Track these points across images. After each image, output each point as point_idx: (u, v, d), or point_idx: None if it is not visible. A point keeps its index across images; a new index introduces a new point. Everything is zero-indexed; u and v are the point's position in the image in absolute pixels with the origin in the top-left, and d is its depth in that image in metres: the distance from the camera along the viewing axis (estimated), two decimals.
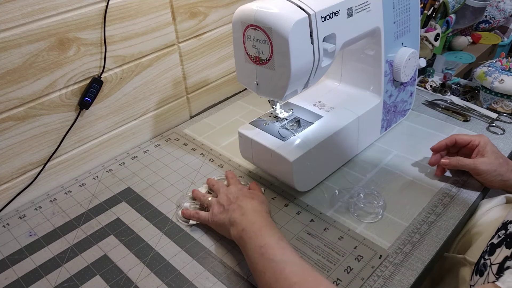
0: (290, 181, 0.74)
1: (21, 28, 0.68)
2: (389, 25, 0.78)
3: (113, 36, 0.80)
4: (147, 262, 0.66)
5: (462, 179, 0.79)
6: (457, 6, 1.56)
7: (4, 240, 0.71)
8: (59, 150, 0.81)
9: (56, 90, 0.76)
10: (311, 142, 0.73)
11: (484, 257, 0.58)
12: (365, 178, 0.80)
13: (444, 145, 0.78)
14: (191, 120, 1.03)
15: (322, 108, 0.81)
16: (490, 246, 0.58)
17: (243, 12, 0.63)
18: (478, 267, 0.58)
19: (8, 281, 0.64)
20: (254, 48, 0.63)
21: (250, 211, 0.63)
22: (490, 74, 0.95)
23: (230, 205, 0.66)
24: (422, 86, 1.08)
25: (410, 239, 0.67)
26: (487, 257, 0.57)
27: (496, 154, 0.73)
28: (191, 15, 0.92)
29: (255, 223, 0.61)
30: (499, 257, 0.54)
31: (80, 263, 0.66)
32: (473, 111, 0.97)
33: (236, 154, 0.86)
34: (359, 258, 0.64)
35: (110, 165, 0.88)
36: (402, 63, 0.81)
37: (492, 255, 0.56)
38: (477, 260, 0.60)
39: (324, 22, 0.63)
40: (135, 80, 0.88)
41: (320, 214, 0.73)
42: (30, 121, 0.75)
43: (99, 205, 0.78)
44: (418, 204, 0.73)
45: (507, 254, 0.52)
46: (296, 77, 0.64)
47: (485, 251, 0.59)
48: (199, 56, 0.99)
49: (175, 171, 0.85)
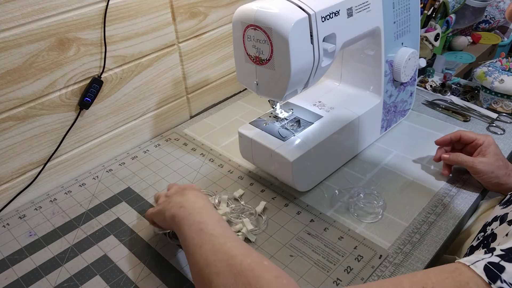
0: (290, 181, 0.74)
1: (21, 28, 0.68)
2: (389, 25, 0.78)
3: (113, 36, 0.80)
4: (147, 262, 0.66)
5: (462, 178, 0.79)
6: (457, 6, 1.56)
7: (4, 240, 0.71)
8: (59, 150, 0.81)
9: (56, 90, 0.76)
10: (311, 142, 0.73)
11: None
12: (365, 178, 0.80)
13: (449, 139, 0.79)
14: (191, 120, 1.03)
15: (322, 108, 0.81)
16: (470, 248, 0.59)
17: (243, 12, 0.63)
18: None
19: (8, 281, 0.64)
20: (254, 48, 0.63)
21: (190, 194, 0.61)
22: (490, 74, 0.95)
23: (175, 193, 0.63)
24: (422, 86, 1.08)
25: (410, 239, 0.67)
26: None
27: (497, 156, 0.73)
28: (191, 15, 0.92)
29: (196, 202, 0.59)
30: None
31: (80, 263, 0.66)
32: (473, 111, 0.97)
33: (236, 154, 0.86)
34: (359, 258, 0.64)
35: (110, 165, 0.88)
36: (402, 63, 0.81)
37: None
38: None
39: (324, 22, 0.63)
40: (135, 80, 0.88)
41: (320, 214, 0.73)
42: (30, 121, 0.75)
43: (99, 205, 0.78)
44: (418, 204, 0.73)
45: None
46: (296, 77, 0.64)
47: (466, 254, 0.59)
48: (199, 56, 0.99)
49: (175, 171, 0.85)
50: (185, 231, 0.55)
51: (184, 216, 0.56)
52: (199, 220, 0.55)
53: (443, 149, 0.80)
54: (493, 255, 0.41)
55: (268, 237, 0.69)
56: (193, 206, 0.58)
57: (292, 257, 0.65)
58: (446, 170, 0.78)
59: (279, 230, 0.70)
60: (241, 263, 0.47)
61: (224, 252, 0.49)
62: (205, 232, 0.53)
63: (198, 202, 0.59)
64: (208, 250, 0.50)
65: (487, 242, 0.54)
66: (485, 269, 0.40)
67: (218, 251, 0.50)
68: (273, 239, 0.68)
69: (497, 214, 0.57)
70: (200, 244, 0.51)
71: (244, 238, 0.68)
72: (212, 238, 0.52)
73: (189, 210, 0.57)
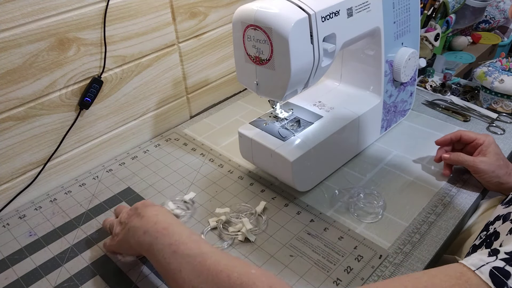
0: (290, 181, 0.74)
1: (21, 28, 0.68)
2: (389, 25, 0.78)
3: (113, 36, 0.80)
4: (147, 262, 0.66)
5: (462, 178, 0.79)
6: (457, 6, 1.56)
7: (4, 240, 0.71)
8: (59, 150, 0.81)
9: (56, 90, 0.76)
10: (311, 142, 0.73)
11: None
12: (365, 178, 0.80)
13: (449, 139, 0.79)
14: (191, 120, 1.03)
15: (322, 108, 0.81)
16: (472, 247, 0.59)
17: (243, 12, 0.63)
18: None
19: (8, 281, 0.64)
20: (254, 48, 0.63)
21: (149, 213, 0.56)
22: (490, 74, 0.95)
23: (129, 217, 0.58)
24: (422, 86, 1.08)
25: (410, 239, 0.67)
26: None
27: (498, 155, 0.73)
28: (191, 15, 0.92)
29: (158, 222, 0.54)
30: None
31: (80, 263, 0.66)
32: (473, 111, 0.97)
33: (236, 154, 0.86)
34: (359, 258, 0.64)
35: (110, 165, 0.88)
36: (402, 63, 0.81)
37: None
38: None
39: (324, 22, 0.63)
40: (135, 80, 0.88)
41: (320, 214, 0.73)
42: (30, 121, 0.75)
43: (99, 205, 0.78)
44: (418, 204, 0.73)
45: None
46: (296, 77, 0.64)
47: (468, 253, 0.59)
48: (199, 56, 0.99)
49: (175, 171, 0.85)
50: (158, 257, 0.51)
51: (151, 242, 0.52)
52: (168, 242, 0.51)
53: (443, 149, 0.80)
54: (498, 259, 0.41)
55: (268, 237, 0.69)
56: (156, 227, 0.54)
57: (292, 257, 0.65)
58: (447, 170, 0.78)
59: (279, 230, 0.70)
60: (229, 278, 0.45)
61: (207, 271, 0.46)
62: (179, 254, 0.50)
63: (160, 222, 0.54)
64: (189, 274, 0.47)
65: (489, 240, 0.54)
66: (490, 275, 0.39)
67: (200, 272, 0.47)
68: (273, 239, 0.68)
69: (499, 213, 0.57)
70: (179, 268, 0.48)
71: (244, 238, 0.68)
72: (189, 259, 0.49)
73: (155, 234, 0.53)
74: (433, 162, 0.81)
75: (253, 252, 0.66)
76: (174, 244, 0.51)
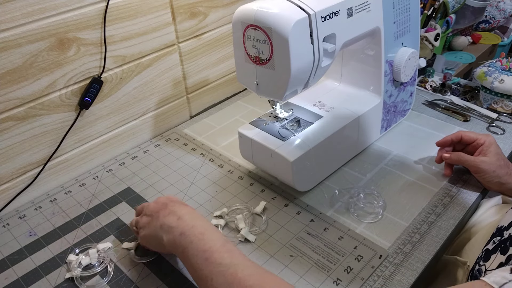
0: (290, 181, 0.74)
1: (21, 28, 0.68)
2: (389, 25, 0.78)
3: (113, 36, 0.80)
4: (147, 262, 0.66)
5: (462, 178, 0.79)
6: (457, 6, 1.56)
7: (4, 240, 0.71)
8: (59, 150, 0.81)
9: (56, 90, 0.76)
10: (311, 142, 0.73)
11: (479, 263, 0.58)
12: (365, 178, 0.80)
13: (450, 140, 0.79)
14: (191, 120, 1.03)
15: (322, 108, 0.81)
16: (485, 252, 0.58)
17: (243, 12, 0.63)
18: (473, 272, 0.58)
19: (8, 281, 0.64)
20: (254, 48, 0.63)
21: (186, 215, 0.57)
22: (490, 74, 0.95)
23: (159, 211, 0.59)
24: (422, 86, 1.08)
25: (410, 239, 0.67)
26: (482, 263, 0.56)
27: (498, 155, 0.73)
28: (191, 15, 0.92)
29: (195, 226, 0.55)
30: (494, 263, 0.54)
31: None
32: (473, 111, 0.97)
33: (236, 154, 0.86)
34: (359, 258, 0.64)
35: (110, 165, 0.88)
36: (402, 63, 0.81)
37: (487, 261, 0.56)
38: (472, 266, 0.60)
39: (324, 22, 0.63)
40: (135, 80, 0.88)
41: (320, 214, 0.73)
42: (30, 121, 0.75)
43: (99, 205, 0.78)
44: (418, 204, 0.73)
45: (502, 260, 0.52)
46: (296, 77, 0.64)
47: (480, 257, 0.59)
48: (199, 56, 0.99)
49: (175, 171, 0.85)
50: (191, 261, 0.52)
51: (186, 246, 0.53)
52: (202, 249, 0.52)
53: (444, 150, 0.80)
54: None
55: (268, 237, 0.69)
56: (193, 231, 0.54)
57: (292, 257, 0.65)
58: (448, 170, 0.78)
59: (279, 230, 0.70)
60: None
61: (238, 284, 0.47)
62: (212, 262, 0.50)
63: (197, 226, 0.55)
64: (220, 284, 0.48)
65: (504, 246, 0.54)
66: None
67: (231, 284, 0.47)
68: (273, 239, 0.68)
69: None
70: (210, 276, 0.49)
71: (244, 238, 0.68)
72: (221, 268, 0.49)
73: (190, 238, 0.54)
74: (433, 162, 0.81)
75: (253, 252, 0.66)
76: (208, 251, 0.52)
